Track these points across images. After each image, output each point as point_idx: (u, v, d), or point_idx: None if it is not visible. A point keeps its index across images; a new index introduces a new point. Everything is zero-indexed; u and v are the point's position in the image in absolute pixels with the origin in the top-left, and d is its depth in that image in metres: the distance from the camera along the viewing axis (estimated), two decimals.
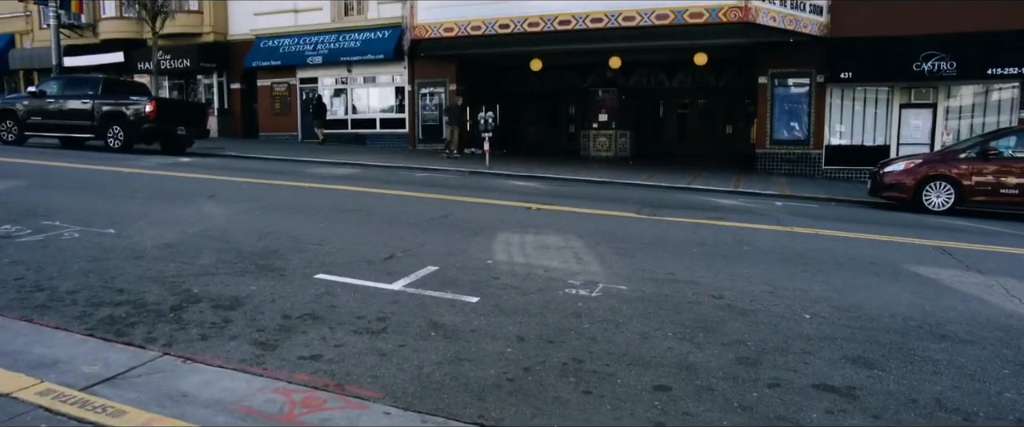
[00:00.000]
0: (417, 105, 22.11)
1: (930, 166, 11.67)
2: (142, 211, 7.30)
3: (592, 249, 6.29)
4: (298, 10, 23.65)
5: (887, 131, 17.81)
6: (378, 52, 21.65)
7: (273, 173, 12.26)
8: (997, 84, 16.73)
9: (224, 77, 26.54)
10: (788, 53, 17.89)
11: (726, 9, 15.11)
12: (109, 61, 27.02)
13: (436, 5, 17.67)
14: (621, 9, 15.85)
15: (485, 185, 12.17)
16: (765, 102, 18.48)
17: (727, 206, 10.62)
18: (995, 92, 16.97)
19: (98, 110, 16.18)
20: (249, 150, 18.80)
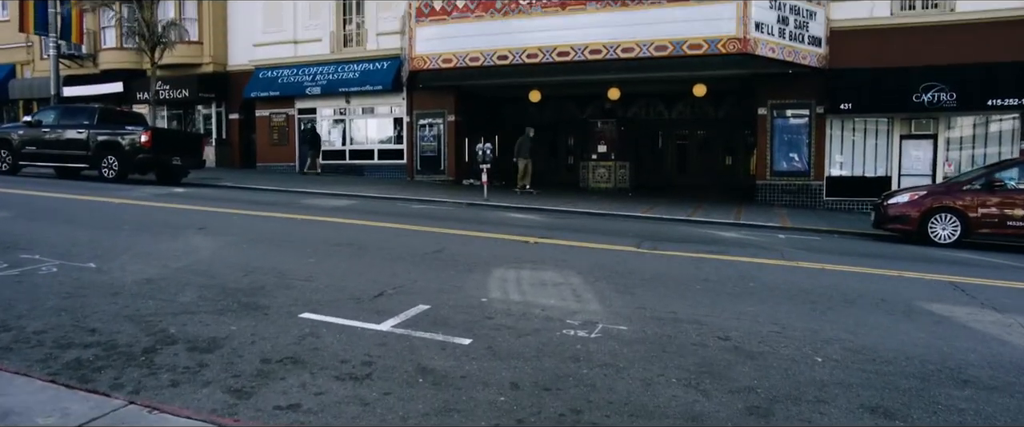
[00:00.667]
0: (415, 136, 22.02)
1: (935, 198, 11.49)
2: (127, 244, 7.08)
3: (591, 286, 6.05)
4: (298, 41, 23.73)
5: (888, 162, 17.69)
6: (376, 83, 21.64)
7: (267, 205, 12.06)
8: (997, 115, 16.66)
9: (223, 107, 26.56)
10: (787, 84, 17.85)
11: (725, 41, 15.10)
12: (109, 91, 27.05)
13: (435, 36, 17.69)
14: (620, 41, 15.86)
15: (482, 217, 11.96)
16: (765, 133, 18.39)
17: (729, 239, 10.40)
18: (995, 123, 16.90)
19: (93, 140, 16.07)
20: (245, 181, 18.64)
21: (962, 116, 16.98)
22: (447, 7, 17.56)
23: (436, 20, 17.67)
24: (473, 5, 17.26)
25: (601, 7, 16.10)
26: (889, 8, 17.17)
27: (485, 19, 17.15)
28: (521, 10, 16.85)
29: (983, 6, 16.33)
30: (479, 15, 17.21)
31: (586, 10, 16.26)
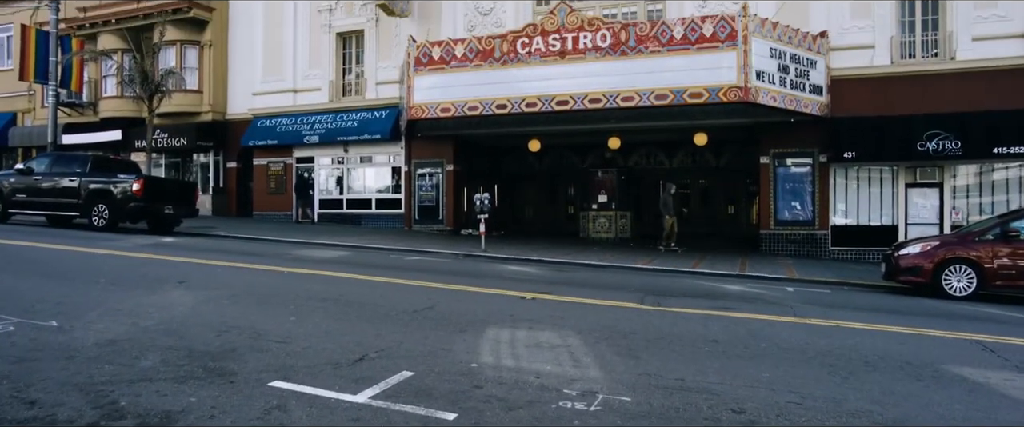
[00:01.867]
0: (413, 185, 21.76)
1: (948, 249, 11.09)
2: (99, 299, 6.66)
3: (591, 348, 5.60)
4: (297, 90, 23.72)
5: (894, 211, 17.36)
6: (375, 132, 21.49)
7: (256, 256, 11.66)
8: (1003, 163, 16.40)
9: (221, 155, 26.40)
10: (790, 133, 17.66)
11: (726, 89, 14.93)
12: (108, 139, 26.97)
13: (433, 85, 17.57)
14: (619, 89, 15.70)
15: (479, 270, 11.54)
16: (767, 182, 18.12)
17: (735, 293, 9.95)
18: (1001, 171, 16.62)
19: (84, 188, 15.82)
20: (239, 230, 18.29)
21: (968, 164, 16.72)
22: (446, 56, 17.49)
23: (435, 69, 17.59)
24: (472, 54, 17.18)
25: (600, 56, 16.01)
26: (889, 56, 17.10)
27: (484, 68, 17.06)
28: (520, 59, 16.76)
29: (983, 54, 16.26)
30: (478, 64, 17.12)
31: (585, 59, 16.17)
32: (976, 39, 16.41)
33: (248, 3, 25.08)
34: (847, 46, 17.26)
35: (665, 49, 15.43)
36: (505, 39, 16.93)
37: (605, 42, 15.93)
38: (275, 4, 24.07)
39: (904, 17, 17.41)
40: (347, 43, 23.48)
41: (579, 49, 16.17)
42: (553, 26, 16.45)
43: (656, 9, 19.44)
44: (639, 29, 15.72)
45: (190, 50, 25.72)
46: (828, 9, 17.44)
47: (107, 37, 26.24)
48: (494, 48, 16.95)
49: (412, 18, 21.56)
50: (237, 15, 25.80)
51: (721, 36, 15.04)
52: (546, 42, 16.46)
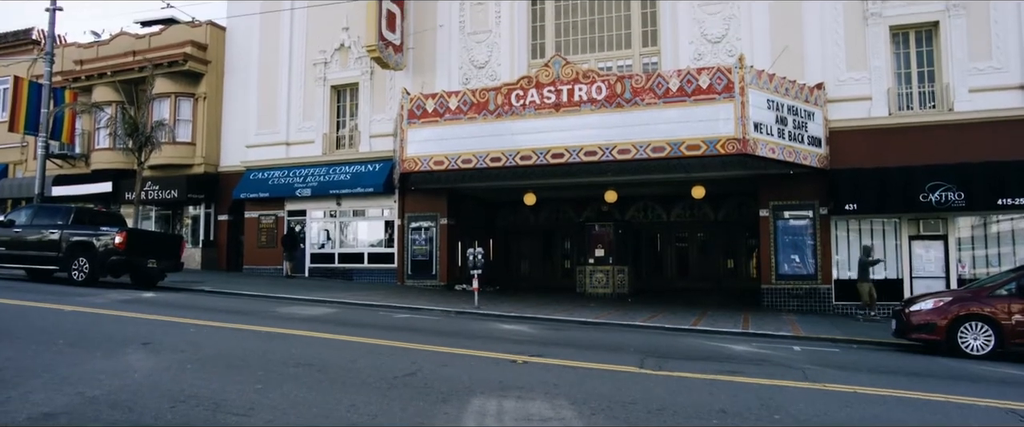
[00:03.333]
0: (406, 239, 21.30)
1: (962, 305, 10.59)
2: (49, 363, 6.10)
3: (586, 421, 5.04)
4: (290, 142, 23.51)
5: (897, 264, 16.93)
6: (368, 185, 21.16)
7: (237, 314, 11.10)
8: (1008, 214, 16.05)
9: (212, 208, 26.02)
10: (789, 185, 17.38)
11: (724, 141, 14.68)
12: (98, 191, 26.70)
13: (427, 138, 17.34)
14: (615, 142, 15.45)
15: (469, 330, 10.97)
16: (768, 235, 17.72)
17: (741, 354, 9.39)
18: (1007, 222, 16.26)
19: (65, 241, 15.35)
20: (226, 284, 17.73)
21: (972, 216, 16.38)
22: (439, 109, 17.31)
23: (428, 122, 17.38)
24: (465, 107, 17.00)
25: (596, 108, 15.81)
26: (887, 108, 16.96)
27: (478, 121, 16.85)
28: (515, 112, 16.57)
29: (981, 106, 16.17)
30: (472, 117, 16.92)
31: (580, 111, 15.98)
32: (973, 90, 16.32)
33: (244, 56, 25.14)
34: (844, 98, 17.13)
35: (661, 101, 15.25)
36: (499, 91, 16.78)
37: (600, 94, 15.76)
38: (271, 57, 24.10)
39: (900, 69, 17.36)
40: (341, 96, 23.40)
41: (574, 101, 15.99)
42: (548, 78, 16.31)
43: (651, 62, 19.42)
44: (635, 81, 15.58)
45: (185, 102, 25.66)
46: (823, 61, 17.39)
47: (102, 89, 26.22)
48: (488, 100, 16.78)
49: (406, 71, 21.53)
50: (233, 68, 25.84)
51: (718, 88, 14.88)
52: (541, 94, 16.29)
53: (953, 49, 16.52)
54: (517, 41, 20.61)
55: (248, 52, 24.84)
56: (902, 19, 17.06)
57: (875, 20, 17.10)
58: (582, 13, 20.46)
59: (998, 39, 16.30)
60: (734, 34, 18.26)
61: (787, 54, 17.34)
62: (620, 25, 20.01)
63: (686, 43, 18.62)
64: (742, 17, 18.22)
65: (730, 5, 18.39)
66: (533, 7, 21.01)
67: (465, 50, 21.13)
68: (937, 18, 16.78)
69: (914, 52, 17.32)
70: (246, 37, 24.94)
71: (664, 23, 19.17)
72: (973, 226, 16.61)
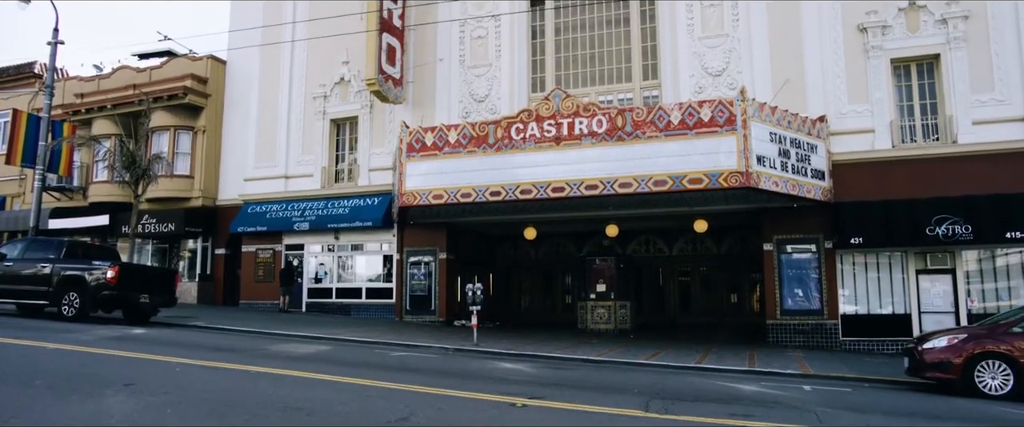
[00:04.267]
0: (405, 274, 20.97)
1: (977, 342, 10.25)
2: (22, 406, 5.79)
3: None
4: (289, 176, 23.34)
5: (905, 299, 16.61)
6: (366, 219, 20.92)
7: (227, 352, 10.76)
8: (1017, 248, 15.77)
9: (209, 242, 25.76)
10: (793, 219, 17.13)
11: (727, 174, 14.48)
12: (95, 224, 26.46)
13: (426, 172, 17.17)
14: (617, 176, 15.26)
15: (467, 369, 10.61)
16: (772, 270, 17.42)
17: (749, 395, 9.02)
18: (1017, 255, 15.97)
19: (56, 275, 15.09)
20: (220, 320, 17.37)
21: (980, 249, 16.09)
22: (438, 142, 17.17)
23: (427, 155, 17.22)
24: (465, 140, 16.85)
25: (596, 142, 15.66)
26: (890, 140, 16.81)
27: (477, 154, 16.68)
28: (515, 145, 16.42)
29: (985, 138, 16.01)
30: (471, 150, 16.76)
31: (581, 145, 15.82)
32: (976, 123, 16.19)
33: (244, 89, 25.14)
34: (847, 131, 17.00)
35: (663, 134, 15.10)
36: (499, 125, 16.66)
37: (601, 128, 15.62)
38: (271, 90, 24.08)
39: (902, 101, 17.26)
40: (341, 129, 23.32)
41: (575, 135, 15.85)
42: (548, 112, 16.20)
43: (652, 95, 19.35)
44: (636, 114, 15.45)
45: (184, 135, 25.59)
46: (825, 93, 17.30)
47: (102, 122, 26.18)
48: (488, 134, 16.64)
49: (406, 105, 21.48)
50: (232, 101, 25.83)
51: (720, 121, 14.74)
52: (541, 128, 16.16)
53: (955, 81, 16.44)
54: (517, 75, 20.59)
55: (248, 85, 24.84)
56: (903, 52, 17.01)
57: (876, 53, 17.05)
58: (582, 47, 20.47)
59: (1000, 71, 16.23)
60: (735, 67, 18.21)
61: (788, 87, 17.27)
62: (620, 59, 20.00)
63: (687, 76, 18.57)
64: (742, 50, 18.20)
65: (730, 39, 18.38)
66: (533, 41, 21.04)
67: (465, 84, 21.10)
68: (938, 51, 16.74)
69: (916, 84, 17.24)
70: (246, 70, 24.98)
71: (664, 56, 19.15)
72: (981, 259, 16.33)
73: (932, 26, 16.78)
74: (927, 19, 16.84)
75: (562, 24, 20.83)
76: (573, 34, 20.65)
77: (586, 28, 20.52)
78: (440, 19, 21.44)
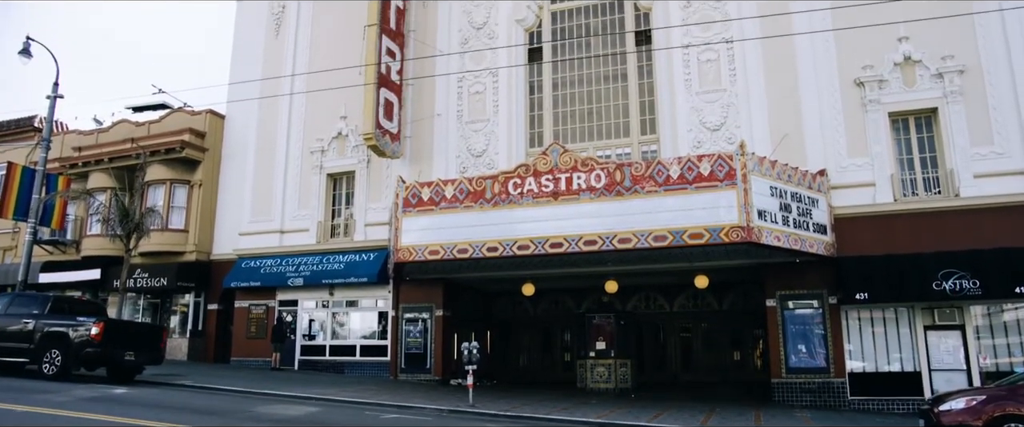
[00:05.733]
0: (400, 331, 20.49)
1: (997, 404, 9.82)
2: None
3: None
4: (284, 231, 23.08)
5: (914, 356, 16.17)
6: (362, 275, 20.56)
7: (210, 414, 10.29)
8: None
9: (202, 297, 25.32)
10: (796, 274, 16.82)
11: (728, 229, 14.25)
12: (86, 278, 26.13)
13: (422, 227, 16.93)
14: (616, 231, 15.02)
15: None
16: (776, 327, 17.02)
17: None
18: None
19: (39, 331, 14.72)
20: (208, 379, 16.85)
21: (989, 304, 15.72)
22: (435, 197, 16.99)
23: (424, 210, 17.02)
24: (462, 195, 16.68)
25: (595, 197, 15.49)
26: (891, 194, 16.64)
27: (474, 209, 16.47)
28: (512, 200, 16.24)
29: (987, 191, 15.87)
30: (468, 205, 16.57)
31: (579, 200, 15.65)
32: (978, 176, 16.08)
33: (241, 143, 25.16)
34: (848, 184, 16.87)
35: (662, 189, 14.94)
36: (496, 180, 16.52)
37: (599, 182, 15.48)
38: (268, 144, 24.09)
39: (902, 155, 17.19)
40: (338, 184, 23.20)
41: (573, 190, 15.69)
42: (546, 166, 16.08)
43: (651, 150, 19.31)
44: (634, 169, 15.33)
45: (180, 189, 25.48)
46: (824, 147, 17.24)
47: (98, 175, 26.12)
48: (485, 189, 16.48)
49: (404, 159, 21.42)
50: (230, 155, 25.81)
51: (719, 175, 14.60)
52: (539, 183, 16.02)
53: (954, 135, 16.39)
54: (515, 130, 20.59)
55: (246, 139, 24.87)
56: (900, 106, 17.03)
57: (874, 107, 17.07)
58: (580, 102, 20.54)
59: (998, 124, 16.21)
60: (733, 122, 18.21)
61: (787, 141, 17.22)
62: (618, 114, 20.04)
63: (685, 131, 18.55)
64: (740, 105, 18.23)
65: (728, 93, 18.44)
66: (531, 96, 21.13)
67: (462, 139, 21.09)
68: (935, 105, 16.75)
69: (915, 137, 17.20)
70: (245, 124, 25.04)
71: (662, 111, 19.18)
72: (990, 314, 15.94)
73: (928, 80, 16.84)
74: (923, 73, 16.92)
75: (560, 79, 20.96)
76: (571, 89, 20.75)
77: (584, 83, 20.64)
78: (438, 74, 21.59)
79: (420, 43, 22.10)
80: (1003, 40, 16.40)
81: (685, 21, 19.20)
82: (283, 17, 24.98)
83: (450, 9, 22.27)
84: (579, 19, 21.15)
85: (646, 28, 20.08)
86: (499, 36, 21.37)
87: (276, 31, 25.01)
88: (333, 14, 23.90)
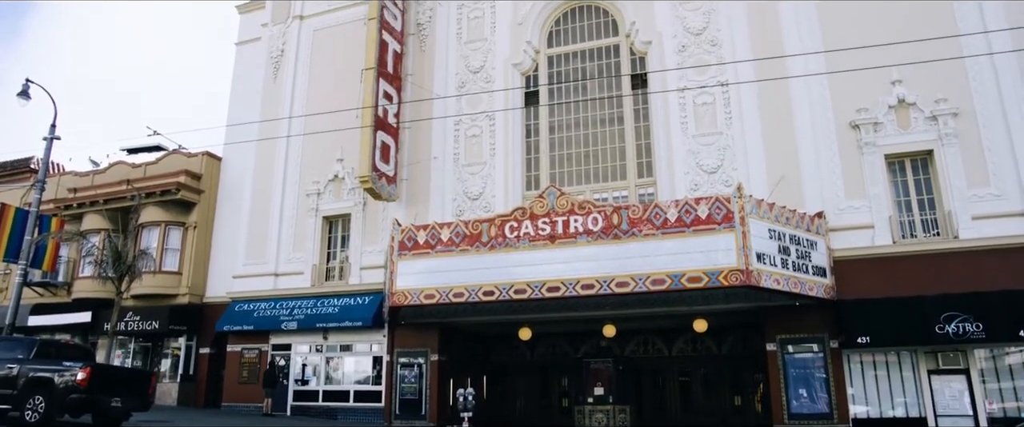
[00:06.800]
0: (395, 376, 20.10)
1: None
2: None
3: None
4: (279, 274, 22.84)
5: (919, 401, 15.92)
6: (356, 319, 20.26)
7: None
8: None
9: (194, 341, 24.97)
10: (796, 317, 16.64)
11: (726, 272, 14.13)
12: (77, 321, 25.85)
13: (417, 271, 16.82)
14: (614, 275, 14.90)
15: None
16: (776, 371, 16.79)
17: None
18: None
19: (23, 376, 14.30)
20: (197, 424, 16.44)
21: (993, 348, 15.48)
22: (431, 241, 16.87)
23: (419, 254, 16.88)
24: (458, 239, 16.56)
25: (592, 240, 15.40)
26: (890, 236, 16.55)
27: (470, 253, 16.34)
28: (509, 244, 16.13)
29: (986, 233, 15.80)
30: (464, 249, 16.44)
31: (576, 243, 15.56)
32: (976, 218, 16.02)
33: (238, 185, 25.13)
34: (846, 226, 16.80)
35: (660, 232, 14.86)
36: (493, 223, 16.43)
37: (597, 226, 15.40)
38: (264, 187, 24.03)
39: (899, 196, 17.16)
40: (333, 227, 23.06)
41: (570, 233, 15.60)
42: (543, 210, 16.02)
43: (648, 192, 19.26)
44: (632, 212, 15.27)
45: (174, 231, 25.37)
46: (822, 189, 17.22)
47: (93, 217, 26.04)
48: (481, 232, 16.39)
49: (400, 202, 21.33)
50: (226, 197, 25.76)
51: (717, 218, 14.55)
52: (536, 226, 15.93)
53: (950, 177, 16.39)
54: (511, 173, 20.57)
55: (242, 182, 24.82)
56: (896, 148, 17.06)
57: (870, 149, 17.10)
58: (576, 145, 20.57)
59: (994, 166, 16.22)
60: (730, 164, 18.21)
61: (785, 183, 17.20)
62: (615, 157, 20.05)
63: (682, 173, 18.53)
64: (736, 148, 18.26)
65: (724, 136, 18.49)
66: (527, 139, 21.18)
67: (459, 181, 21.05)
68: (931, 147, 16.79)
69: (912, 179, 17.19)
70: (241, 166, 25.03)
71: (659, 154, 19.19)
72: (994, 357, 15.70)
73: (923, 123, 16.91)
74: (917, 116, 17.00)
75: (556, 122, 21.03)
76: (567, 132, 20.80)
77: (580, 126, 20.70)
78: (434, 117, 21.67)
79: (417, 86, 22.25)
80: (994, 83, 16.53)
81: (680, 65, 19.37)
82: (281, 61, 25.21)
83: (447, 53, 22.49)
84: (575, 63, 21.35)
85: (642, 72, 20.26)
86: (496, 80, 21.52)
87: (275, 75, 25.20)
88: (331, 58, 24.14)
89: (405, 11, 22.94)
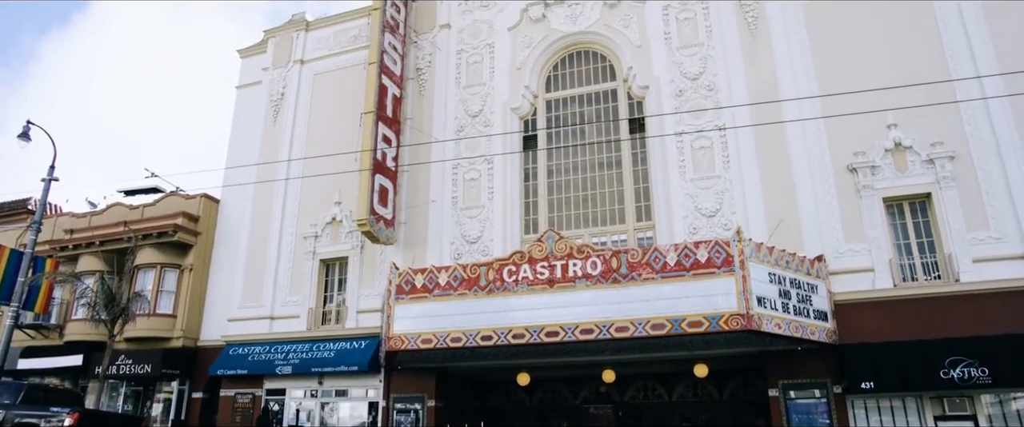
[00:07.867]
0: (391, 422, 19.71)
1: None
2: None
3: None
4: (274, 317, 22.59)
5: None
6: (352, 363, 19.96)
7: None
8: None
9: (187, 385, 24.52)
10: (798, 362, 16.40)
11: (727, 317, 13.96)
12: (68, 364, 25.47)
13: (414, 315, 16.58)
14: (613, 319, 14.70)
15: None
16: (779, 417, 16.50)
17: None
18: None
19: (8, 423, 14.09)
20: None
21: (1000, 393, 15.20)
22: (429, 284, 16.71)
23: (417, 298, 16.70)
24: (456, 282, 16.41)
25: (591, 284, 15.26)
26: (891, 279, 16.44)
27: (468, 297, 16.18)
28: (507, 288, 15.98)
29: (987, 276, 15.66)
30: (462, 293, 16.27)
31: (575, 288, 15.41)
32: (977, 261, 15.93)
33: (235, 228, 25.02)
34: (846, 270, 16.69)
35: (659, 276, 14.74)
36: (491, 267, 16.31)
37: (596, 270, 15.28)
38: (261, 229, 23.95)
39: (899, 240, 17.10)
40: (330, 270, 22.91)
41: (569, 277, 15.47)
42: (541, 253, 15.91)
43: (646, 236, 19.20)
44: (631, 256, 15.16)
45: (170, 273, 25.14)
46: (821, 233, 17.15)
47: (88, 258, 25.82)
48: (479, 276, 16.25)
49: (398, 245, 21.24)
50: (223, 239, 25.64)
51: (717, 261, 14.44)
52: (534, 270, 15.81)
53: (950, 220, 16.36)
54: (510, 216, 20.53)
55: (239, 224, 24.74)
56: (894, 191, 17.07)
57: (868, 192, 17.11)
58: (575, 189, 20.59)
59: (992, 209, 16.21)
60: (728, 207, 18.19)
61: (784, 227, 17.15)
62: (614, 200, 20.04)
63: (680, 217, 18.51)
64: (735, 191, 18.28)
65: (722, 180, 18.51)
66: (526, 183, 21.20)
67: (457, 225, 21.00)
68: (929, 190, 16.80)
69: (911, 222, 17.15)
70: (239, 209, 24.99)
71: (657, 198, 19.18)
72: (1002, 402, 15.39)
73: (920, 166, 16.96)
74: (914, 159, 17.05)
75: (555, 166, 21.10)
76: (566, 176, 20.84)
77: (579, 170, 20.76)
78: (433, 161, 21.74)
79: (416, 130, 22.37)
80: (989, 126, 16.62)
81: (677, 109, 19.52)
82: (282, 104, 25.41)
83: (446, 97, 22.69)
84: (573, 107, 21.53)
85: (639, 116, 20.41)
86: (494, 124, 21.66)
87: (275, 118, 25.37)
88: (331, 101, 24.34)
89: (405, 56, 23.23)
